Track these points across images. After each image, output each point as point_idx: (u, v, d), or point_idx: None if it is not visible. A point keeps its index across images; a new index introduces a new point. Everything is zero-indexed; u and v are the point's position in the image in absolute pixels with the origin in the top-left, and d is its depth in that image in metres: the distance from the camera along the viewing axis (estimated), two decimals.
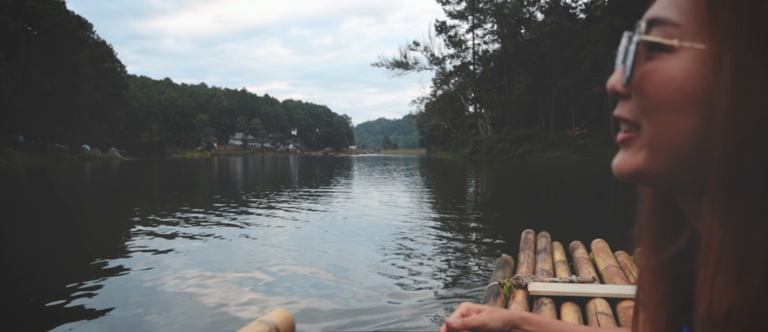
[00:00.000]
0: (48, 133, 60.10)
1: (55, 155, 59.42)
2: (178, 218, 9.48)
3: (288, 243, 6.97)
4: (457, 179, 24.61)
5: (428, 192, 17.14)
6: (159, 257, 6.16)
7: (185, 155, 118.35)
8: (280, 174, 30.15)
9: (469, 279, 5.09)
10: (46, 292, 4.74)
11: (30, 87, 53.72)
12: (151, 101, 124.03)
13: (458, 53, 65.52)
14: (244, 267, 5.57)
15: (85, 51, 63.64)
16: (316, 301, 4.34)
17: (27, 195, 17.15)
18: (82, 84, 61.50)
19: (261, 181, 24.31)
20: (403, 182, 21.74)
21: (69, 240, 7.90)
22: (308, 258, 6.05)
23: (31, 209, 12.32)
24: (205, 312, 4.09)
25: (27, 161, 50.51)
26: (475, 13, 60.60)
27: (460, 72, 67.29)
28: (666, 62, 0.40)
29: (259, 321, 1.09)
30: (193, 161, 70.84)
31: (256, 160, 74.31)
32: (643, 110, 0.42)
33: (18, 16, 51.83)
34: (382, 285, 4.84)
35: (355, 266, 5.62)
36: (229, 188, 19.16)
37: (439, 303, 4.29)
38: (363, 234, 7.67)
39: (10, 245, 7.40)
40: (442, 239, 7.31)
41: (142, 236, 7.60)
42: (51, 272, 5.74)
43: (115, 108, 75.76)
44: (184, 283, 4.92)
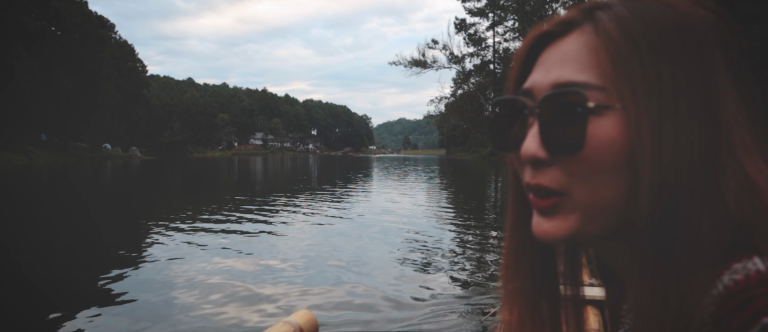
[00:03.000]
0: (69, 132, 60.95)
1: (76, 153, 60.23)
2: (200, 218, 9.53)
3: (310, 244, 7.13)
4: (475, 181, 24.21)
5: (446, 194, 16.89)
6: (183, 255, 6.29)
7: (206, 154, 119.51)
8: (300, 174, 30.29)
9: (489, 280, 5.11)
10: (70, 285, 4.95)
11: (52, 86, 54.47)
12: (173, 100, 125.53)
13: (478, 52, 64.37)
14: (268, 267, 5.65)
15: (107, 51, 64.39)
16: (339, 302, 4.41)
17: (48, 193, 17.21)
18: (104, 83, 62.24)
19: (281, 181, 24.41)
20: (421, 183, 21.46)
21: (93, 238, 8.09)
22: (330, 258, 6.11)
23: (51, 207, 12.43)
24: (230, 312, 4.15)
25: (48, 159, 51.16)
26: (495, 10, 59.42)
27: (480, 71, 66.13)
28: (600, 127, 0.40)
29: (284, 322, 1.12)
30: (213, 160, 71.61)
31: (276, 160, 75.51)
32: (579, 175, 0.41)
33: (40, 15, 52.53)
34: (403, 285, 4.91)
35: (376, 266, 5.71)
36: (250, 188, 19.14)
37: (459, 304, 4.33)
38: (383, 235, 7.91)
39: (30, 244, 7.52)
40: (461, 241, 7.46)
41: (165, 235, 7.76)
42: (74, 267, 5.86)
43: (136, 107, 76.63)
44: (209, 283, 4.97)
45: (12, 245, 7.41)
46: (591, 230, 0.43)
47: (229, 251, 6.58)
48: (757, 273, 0.35)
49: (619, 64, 0.40)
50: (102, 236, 8.31)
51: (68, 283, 5.23)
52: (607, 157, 0.40)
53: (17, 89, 47.71)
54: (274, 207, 11.47)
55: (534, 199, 0.45)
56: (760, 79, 11.46)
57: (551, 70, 0.44)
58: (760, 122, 0.41)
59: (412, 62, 64.17)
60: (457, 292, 4.76)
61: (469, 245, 7.10)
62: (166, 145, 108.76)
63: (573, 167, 0.42)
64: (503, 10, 58.48)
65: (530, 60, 0.49)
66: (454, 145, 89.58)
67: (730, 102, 0.40)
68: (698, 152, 0.38)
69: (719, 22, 0.42)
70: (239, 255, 6.35)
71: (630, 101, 0.39)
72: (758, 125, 0.41)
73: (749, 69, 0.42)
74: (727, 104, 0.40)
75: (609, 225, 0.42)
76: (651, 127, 0.39)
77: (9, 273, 5.81)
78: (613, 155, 0.40)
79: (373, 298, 4.52)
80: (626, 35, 0.41)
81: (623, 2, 0.43)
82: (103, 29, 66.05)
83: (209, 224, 8.63)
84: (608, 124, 0.40)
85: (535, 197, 0.44)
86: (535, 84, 0.45)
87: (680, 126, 0.38)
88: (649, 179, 0.38)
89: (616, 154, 0.40)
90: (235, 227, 8.34)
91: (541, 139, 0.43)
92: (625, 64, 0.40)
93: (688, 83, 0.39)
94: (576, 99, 0.41)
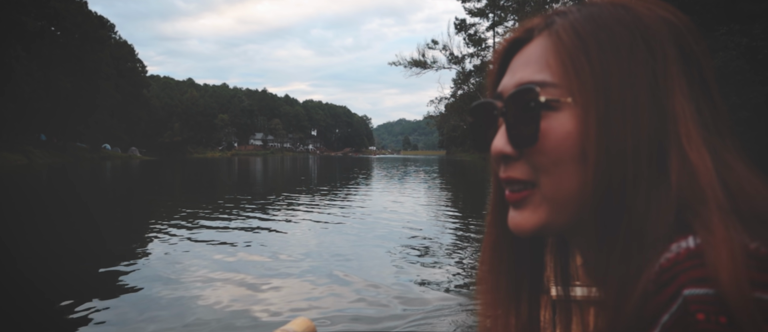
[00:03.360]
0: (68, 132, 60.83)
1: (75, 153, 60.10)
2: (199, 220, 9.48)
3: (309, 246, 7.07)
4: (475, 182, 24.04)
5: (446, 194, 16.77)
6: (181, 259, 6.18)
7: (206, 154, 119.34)
8: (300, 175, 30.19)
9: None
10: (65, 289, 4.81)
11: (51, 86, 54.37)
12: (173, 100, 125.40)
13: (478, 52, 64.14)
14: (266, 271, 5.55)
15: (107, 51, 64.30)
16: (337, 308, 4.36)
17: (47, 193, 17.11)
18: (103, 84, 62.13)
19: (281, 182, 24.33)
20: (421, 183, 21.42)
21: (91, 238, 8.04)
22: (329, 261, 6.01)
23: (50, 207, 12.33)
24: (227, 318, 4.08)
25: (47, 159, 51.05)
26: (495, 11, 59.27)
27: (480, 71, 66.00)
28: (557, 120, 0.44)
29: (281, 330, 1.12)
30: (213, 160, 71.53)
31: (276, 160, 75.42)
32: (542, 167, 0.44)
33: (40, 15, 52.44)
34: (402, 289, 4.85)
35: (376, 269, 5.64)
36: (250, 189, 19.09)
37: (458, 308, 4.30)
38: (383, 237, 7.83)
39: (28, 244, 7.47)
40: (461, 243, 7.39)
41: (162, 237, 7.65)
42: (70, 271, 5.76)
43: (136, 108, 76.53)
44: (207, 288, 4.87)
45: (10, 245, 7.37)
46: (560, 221, 0.45)
47: (228, 254, 6.53)
48: (686, 249, 0.36)
49: (567, 61, 0.44)
50: (100, 237, 8.27)
51: (65, 283, 5.20)
52: (564, 148, 0.43)
53: (16, 89, 47.60)
54: (274, 209, 11.41)
55: (508, 194, 0.47)
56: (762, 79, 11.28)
57: (516, 73, 0.47)
58: (711, 114, 0.43)
59: (411, 63, 64.00)
60: (458, 294, 4.75)
61: (469, 247, 7.08)
62: (165, 145, 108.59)
63: (536, 160, 0.45)
64: (503, 10, 58.32)
65: (504, 66, 0.52)
66: (454, 146, 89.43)
67: (678, 95, 0.42)
68: (644, 141, 0.41)
69: (676, 22, 0.44)
70: (238, 258, 6.28)
71: (578, 95, 0.43)
72: (708, 116, 0.43)
73: (710, 67, 0.44)
74: (675, 97, 0.42)
75: (576, 216, 0.44)
76: (597, 117, 0.42)
77: (7, 273, 5.78)
78: (570, 146, 0.43)
79: (372, 303, 4.50)
80: (576, 35, 0.44)
81: (580, 8, 0.46)
82: (102, 29, 65.95)
83: (208, 226, 8.57)
84: (563, 118, 0.43)
85: (509, 192, 0.47)
86: (504, 87, 0.49)
87: (626, 117, 0.41)
88: (594, 166, 0.41)
89: (572, 146, 0.43)
90: (234, 229, 8.28)
91: (507, 135, 0.46)
92: (573, 61, 0.43)
93: (635, 77, 0.42)
94: (530, 95, 0.44)
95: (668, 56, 0.43)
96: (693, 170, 0.40)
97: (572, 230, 0.46)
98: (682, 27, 0.45)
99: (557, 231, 0.47)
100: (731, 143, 0.43)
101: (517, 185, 0.47)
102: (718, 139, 0.42)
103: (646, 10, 0.44)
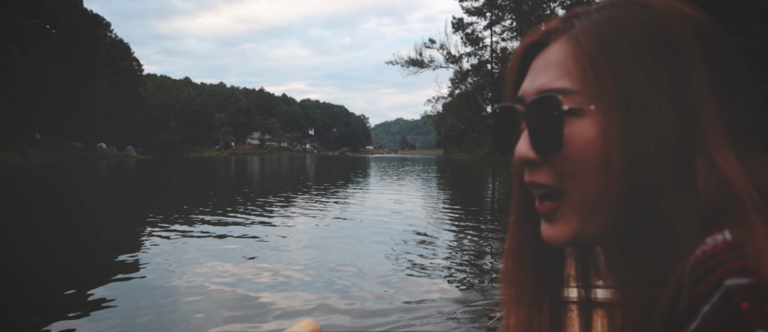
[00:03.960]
0: (64, 131, 60.52)
1: (70, 152, 59.80)
2: (197, 219, 9.36)
3: (309, 247, 7.03)
4: (473, 182, 24.08)
5: (445, 194, 16.82)
6: (179, 260, 6.08)
7: (203, 153, 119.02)
8: (298, 175, 30.12)
9: (492, 283, 5.07)
10: (62, 290, 4.75)
11: (46, 85, 54.06)
12: (170, 99, 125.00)
13: (475, 51, 64.23)
14: (268, 272, 5.52)
15: (102, 49, 63.99)
16: (341, 309, 4.35)
17: (43, 191, 17.01)
18: (99, 82, 61.84)
19: (279, 181, 24.22)
20: (419, 183, 21.30)
21: (88, 237, 7.96)
22: (331, 262, 5.98)
23: (45, 207, 12.34)
24: (230, 320, 4.04)
25: (42, 158, 50.75)
26: (493, 10, 59.27)
27: (477, 71, 65.93)
28: (580, 127, 0.43)
29: None
30: (210, 160, 71.29)
31: (273, 159, 75.17)
32: (567, 173, 0.44)
33: (35, 13, 52.10)
34: (406, 290, 4.86)
35: (378, 271, 5.61)
36: (247, 188, 18.97)
37: (459, 307, 4.33)
38: (383, 238, 7.76)
39: (28, 242, 7.38)
40: (461, 243, 7.37)
41: (160, 238, 7.54)
42: (65, 270, 5.73)
43: (132, 106, 76.24)
44: (207, 290, 4.80)
45: (8, 244, 7.28)
46: (591, 230, 0.45)
47: (227, 254, 6.43)
48: (723, 241, 0.36)
49: (588, 68, 0.43)
50: (96, 236, 8.17)
51: (63, 283, 5.11)
52: (588, 155, 0.43)
53: (11, 87, 47.30)
54: (272, 209, 11.30)
55: (538, 205, 0.47)
56: (760, 79, 11.18)
57: (537, 77, 0.47)
58: (738, 117, 0.42)
59: (409, 62, 63.89)
60: (460, 296, 4.71)
61: (470, 248, 7.02)
62: (162, 144, 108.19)
63: (561, 166, 0.44)
64: (501, 9, 58.32)
65: (523, 68, 0.51)
66: (452, 145, 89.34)
67: (704, 99, 0.41)
68: (668, 147, 0.40)
69: (699, 20, 0.44)
70: (238, 258, 6.19)
71: (600, 102, 0.42)
72: (734, 120, 0.42)
73: (734, 67, 0.44)
74: (701, 101, 0.41)
75: (607, 225, 0.43)
76: (620, 124, 0.41)
77: (6, 272, 5.71)
78: (594, 153, 0.43)
79: (375, 304, 4.47)
80: (596, 40, 0.43)
81: (600, 9, 0.45)
82: (98, 28, 65.64)
83: (206, 226, 8.48)
84: (586, 124, 0.43)
85: (539, 202, 0.47)
86: (524, 91, 0.48)
87: (649, 123, 0.41)
88: (618, 173, 0.41)
89: (596, 152, 0.43)
90: (232, 230, 8.18)
91: (530, 141, 0.46)
92: (594, 67, 0.43)
93: (658, 82, 0.41)
94: (553, 103, 0.44)
95: (692, 57, 0.42)
96: (721, 175, 0.40)
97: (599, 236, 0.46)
98: (705, 25, 0.44)
99: (589, 241, 0.46)
100: (756, 145, 0.42)
101: (542, 189, 0.47)
102: (743, 142, 0.42)
103: (668, 9, 0.43)
